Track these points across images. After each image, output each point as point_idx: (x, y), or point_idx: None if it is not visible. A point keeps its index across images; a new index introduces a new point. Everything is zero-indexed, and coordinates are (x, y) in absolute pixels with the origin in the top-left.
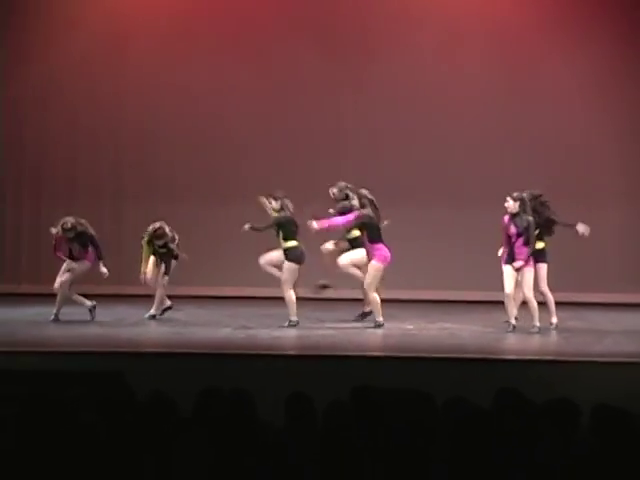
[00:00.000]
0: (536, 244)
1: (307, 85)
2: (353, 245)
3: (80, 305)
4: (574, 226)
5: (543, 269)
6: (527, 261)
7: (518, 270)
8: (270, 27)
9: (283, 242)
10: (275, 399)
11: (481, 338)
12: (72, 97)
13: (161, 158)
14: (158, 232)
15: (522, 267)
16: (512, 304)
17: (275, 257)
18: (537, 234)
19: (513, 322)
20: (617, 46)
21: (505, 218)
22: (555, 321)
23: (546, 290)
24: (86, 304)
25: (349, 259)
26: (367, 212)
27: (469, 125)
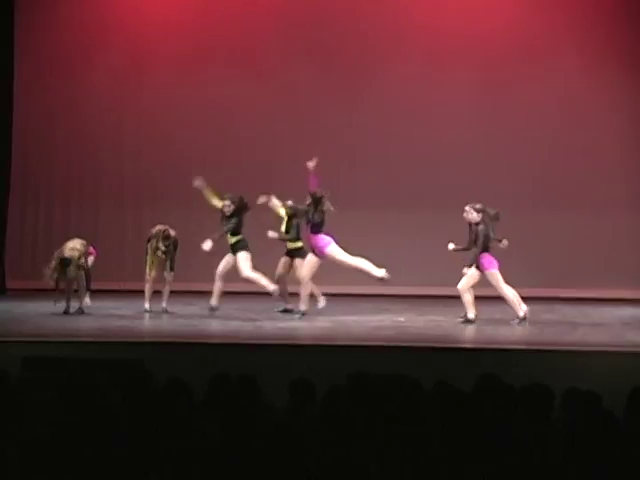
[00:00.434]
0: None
1: (305, 98)
2: (296, 255)
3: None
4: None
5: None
6: (487, 265)
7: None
8: (272, 48)
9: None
10: (279, 384)
11: (464, 329)
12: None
13: (176, 165)
14: (165, 233)
15: (484, 271)
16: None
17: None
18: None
19: (471, 316)
20: (603, 58)
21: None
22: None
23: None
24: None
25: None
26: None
27: (462, 134)
